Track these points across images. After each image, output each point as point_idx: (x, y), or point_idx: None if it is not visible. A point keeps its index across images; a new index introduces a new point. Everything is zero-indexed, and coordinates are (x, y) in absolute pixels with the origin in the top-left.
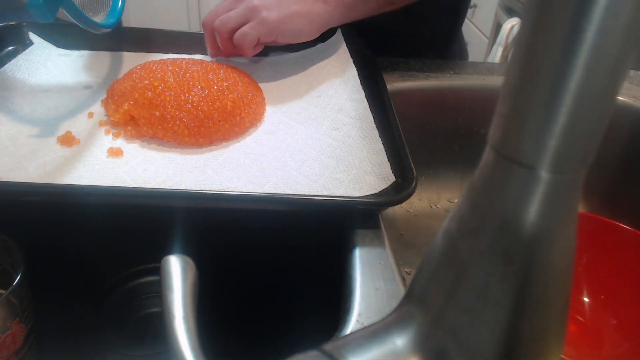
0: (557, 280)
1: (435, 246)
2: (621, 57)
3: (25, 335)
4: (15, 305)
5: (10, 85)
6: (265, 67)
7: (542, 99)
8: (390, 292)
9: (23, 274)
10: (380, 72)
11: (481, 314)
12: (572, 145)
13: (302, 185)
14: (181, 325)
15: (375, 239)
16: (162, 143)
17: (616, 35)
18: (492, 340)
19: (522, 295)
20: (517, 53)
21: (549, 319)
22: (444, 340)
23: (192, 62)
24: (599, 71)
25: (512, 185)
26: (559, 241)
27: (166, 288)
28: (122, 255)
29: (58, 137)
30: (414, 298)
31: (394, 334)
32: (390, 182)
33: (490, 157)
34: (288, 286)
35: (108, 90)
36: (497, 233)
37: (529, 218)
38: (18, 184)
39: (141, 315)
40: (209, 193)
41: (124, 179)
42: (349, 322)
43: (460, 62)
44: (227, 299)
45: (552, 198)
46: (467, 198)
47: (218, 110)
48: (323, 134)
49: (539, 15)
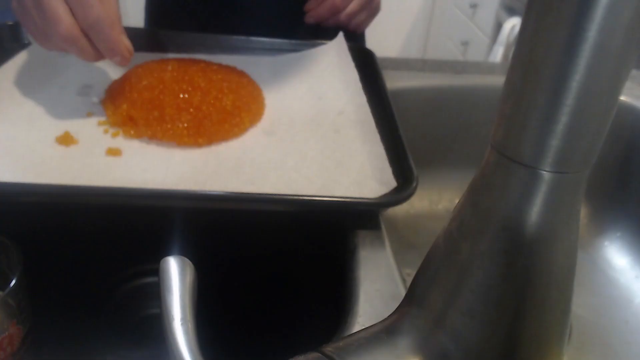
0: (559, 280)
1: (436, 247)
2: (623, 56)
3: (22, 337)
4: (12, 306)
5: (8, 85)
6: (265, 67)
7: (543, 99)
8: (391, 293)
9: (21, 275)
10: (380, 72)
11: (482, 315)
12: (574, 145)
13: (301, 186)
14: (180, 326)
15: (376, 239)
16: (161, 143)
17: (618, 34)
18: (493, 341)
19: (523, 296)
20: (519, 53)
21: (550, 320)
22: (445, 341)
23: (192, 62)
24: (601, 71)
25: (514, 186)
26: (561, 242)
27: (165, 289)
28: (121, 256)
29: (56, 137)
30: (414, 299)
31: (394, 335)
32: (391, 187)
33: (492, 157)
34: (288, 287)
35: (107, 90)
36: (498, 234)
37: (531, 218)
38: (16, 184)
39: (140, 316)
40: (208, 193)
41: (123, 179)
42: (349, 323)
43: (461, 62)
44: (226, 301)
45: (554, 198)
46: (469, 198)
47: (217, 111)
48: (323, 135)
49: (541, 15)
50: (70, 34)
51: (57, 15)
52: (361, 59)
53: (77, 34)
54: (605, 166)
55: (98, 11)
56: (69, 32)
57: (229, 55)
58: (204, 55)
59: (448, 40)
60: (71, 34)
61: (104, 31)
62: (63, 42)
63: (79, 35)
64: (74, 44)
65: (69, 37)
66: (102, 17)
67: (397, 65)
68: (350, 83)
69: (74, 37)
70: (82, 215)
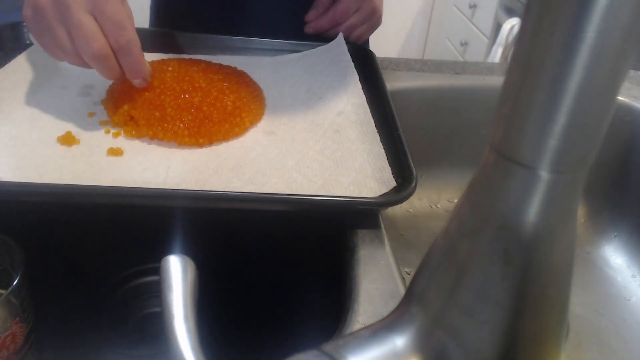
0: (557, 280)
1: (435, 246)
2: (621, 57)
3: (25, 335)
4: (15, 305)
5: (10, 86)
6: (266, 68)
7: (542, 99)
8: (390, 292)
9: (23, 274)
10: (380, 72)
11: (481, 314)
12: (572, 145)
13: (301, 186)
14: (181, 325)
15: (376, 238)
16: (162, 143)
17: (616, 35)
18: (491, 340)
19: (521, 295)
20: (518, 53)
21: (548, 319)
22: (444, 340)
23: (192, 63)
24: (599, 71)
25: (512, 186)
26: (559, 241)
27: (166, 288)
28: (122, 255)
29: (58, 137)
30: (414, 298)
31: (394, 334)
32: (391, 186)
33: (491, 157)
34: (288, 286)
35: (108, 90)
36: (497, 233)
37: (529, 218)
38: (18, 184)
39: (141, 315)
40: (209, 193)
41: (124, 179)
42: (349, 322)
43: (461, 62)
44: (227, 299)
45: (552, 198)
46: (468, 198)
47: (218, 111)
48: (323, 135)
49: (540, 16)
50: (102, 53)
51: (90, 34)
52: (361, 59)
53: (108, 53)
54: (603, 166)
55: (131, 34)
56: (101, 51)
57: (230, 56)
58: (204, 55)
59: (447, 41)
60: (103, 53)
61: (133, 53)
62: (92, 60)
63: (109, 55)
64: (103, 62)
65: (101, 56)
66: (134, 39)
67: (397, 65)
68: (350, 83)
69: (104, 56)
70: (84, 214)
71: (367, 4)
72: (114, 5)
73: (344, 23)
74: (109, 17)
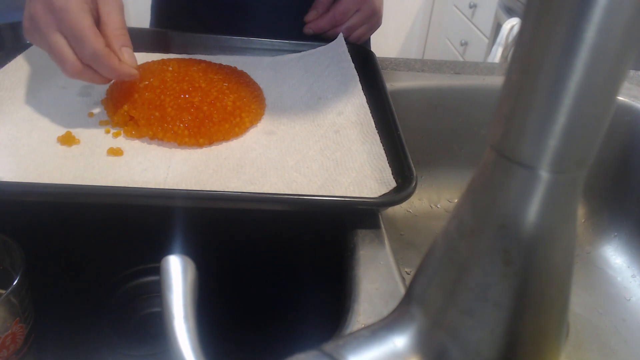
0: (557, 280)
1: (435, 246)
2: (621, 57)
3: (25, 335)
4: (15, 305)
5: (10, 86)
6: (265, 67)
7: (542, 99)
8: (390, 292)
9: (23, 274)
10: (380, 72)
11: (481, 314)
12: (572, 145)
13: (301, 186)
14: (181, 325)
15: (376, 238)
16: (162, 143)
17: (616, 35)
18: (491, 340)
19: (521, 296)
20: (517, 53)
21: (549, 319)
22: (444, 340)
23: (192, 63)
24: (599, 71)
25: (512, 186)
26: (559, 241)
27: (166, 288)
28: (122, 255)
29: (58, 137)
30: (414, 298)
31: (394, 334)
32: (391, 187)
33: (490, 157)
34: (288, 286)
35: (108, 90)
36: (496, 233)
37: (529, 218)
38: (18, 184)
39: (141, 315)
40: (209, 193)
41: (124, 179)
42: (349, 322)
43: (460, 62)
44: (227, 299)
45: (552, 198)
46: (467, 198)
47: (218, 111)
48: (323, 135)
49: (539, 15)
50: (75, 70)
51: (61, 55)
52: (361, 59)
53: (80, 68)
54: (602, 166)
55: (92, 45)
56: (74, 68)
57: (230, 56)
58: (204, 55)
59: (447, 41)
60: (76, 70)
61: (102, 62)
62: (71, 77)
63: (83, 69)
64: (82, 76)
65: (75, 73)
66: (97, 49)
67: (397, 65)
68: (350, 83)
69: (79, 71)
70: (84, 214)
71: (367, 5)
72: (73, 15)
73: (344, 24)
74: (69, 32)
